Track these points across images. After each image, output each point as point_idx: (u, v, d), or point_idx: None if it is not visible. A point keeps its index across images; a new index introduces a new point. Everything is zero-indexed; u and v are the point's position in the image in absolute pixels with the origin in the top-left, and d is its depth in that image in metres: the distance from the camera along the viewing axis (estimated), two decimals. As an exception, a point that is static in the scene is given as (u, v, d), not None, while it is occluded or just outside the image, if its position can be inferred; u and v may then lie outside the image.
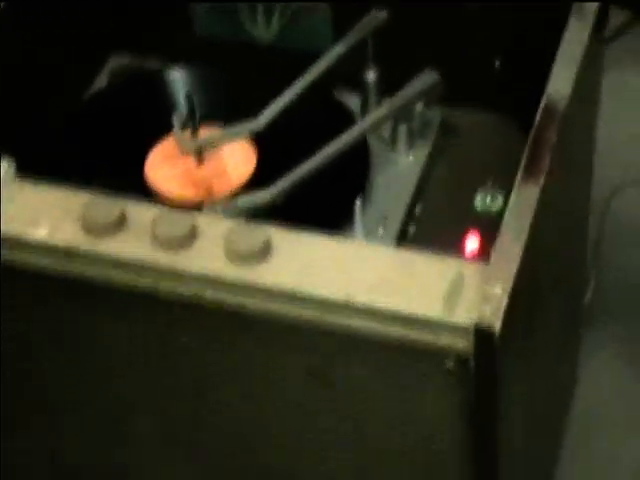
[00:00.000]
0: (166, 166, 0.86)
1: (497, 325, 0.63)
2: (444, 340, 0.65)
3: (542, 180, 0.70)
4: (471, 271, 0.66)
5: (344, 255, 0.68)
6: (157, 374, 0.75)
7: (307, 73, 0.87)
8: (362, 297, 0.66)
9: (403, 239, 0.83)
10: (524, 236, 0.67)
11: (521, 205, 0.70)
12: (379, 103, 0.89)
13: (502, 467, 0.70)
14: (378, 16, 0.87)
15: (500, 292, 0.64)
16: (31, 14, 0.88)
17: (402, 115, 0.87)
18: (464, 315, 0.64)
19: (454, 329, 0.65)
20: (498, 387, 0.65)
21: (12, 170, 0.79)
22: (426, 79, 0.86)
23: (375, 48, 0.87)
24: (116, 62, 0.97)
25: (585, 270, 1.11)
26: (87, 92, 0.94)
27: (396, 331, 0.66)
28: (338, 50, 0.86)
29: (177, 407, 0.76)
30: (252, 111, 0.85)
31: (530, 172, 0.71)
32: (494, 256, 0.67)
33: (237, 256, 0.68)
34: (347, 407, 0.71)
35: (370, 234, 0.82)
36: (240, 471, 0.79)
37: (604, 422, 1.11)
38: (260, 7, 0.92)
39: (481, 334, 0.63)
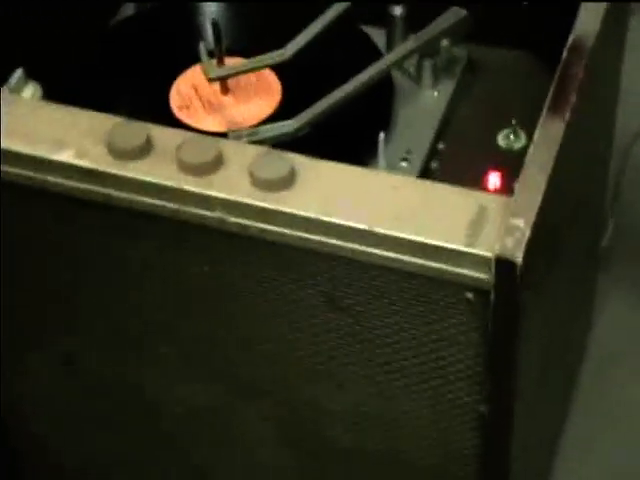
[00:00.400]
0: (191, 95, 0.86)
1: (519, 257, 0.63)
2: (465, 271, 0.66)
3: (568, 115, 0.70)
4: (494, 203, 0.67)
5: (367, 184, 0.69)
6: (177, 297, 0.75)
7: (334, 5, 0.87)
8: (384, 226, 0.66)
9: (426, 175, 0.84)
10: (548, 170, 0.67)
11: (546, 139, 0.70)
12: (405, 38, 0.89)
13: (518, 401, 0.71)
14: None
15: (523, 224, 0.64)
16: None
17: (428, 51, 0.87)
18: (486, 246, 0.65)
19: (475, 260, 0.65)
20: (518, 320, 0.66)
21: (38, 94, 0.80)
22: (453, 15, 0.86)
23: (402, -18, 0.87)
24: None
25: (604, 214, 1.11)
26: (113, 19, 0.94)
27: (417, 261, 0.66)
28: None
29: (195, 329, 0.77)
30: (278, 43, 0.86)
31: (556, 107, 0.71)
32: (518, 189, 0.67)
33: (262, 183, 0.68)
34: (366, 336, 0.71)
35: (393, 169, 0.83)
36: (256, 390, 0.80)
37: (618, 367, 1.11)
38: None
39: (503, 266, 0.64)
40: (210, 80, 0.83)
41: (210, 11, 0.92)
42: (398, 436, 0.77)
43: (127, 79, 0.89)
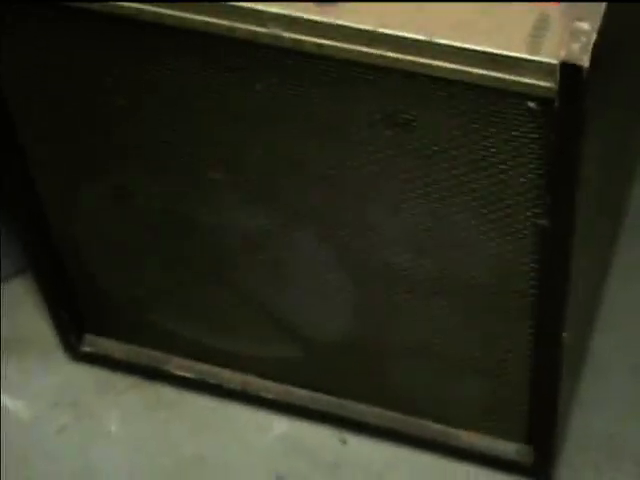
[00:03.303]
0: None
1: (585, 61, 0.62)
2: (528, 80, 0.64)
3: None
4: (557, 10, 0.65)
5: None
6: (228, 119, 0.74)
7: None
8: (444, 36, 0.65)
9: None
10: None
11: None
12: None
13: (578, 217, 0.70)
14: None
15: (589, 28, 0.63)
16: None
17: None
18: (550, 53, 0.63)
19: (539, 67, 0.63)
20: (582, 129, 0.64)
21: None
22: None
23: None
24: None
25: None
26: None
27: (478, 71, 0.65)
28: None
29: (248, 153, 0.76)
30: None
31: None
32: (580, -4, 0.65)
33: (318, -3, 0.67)
34: (424, 152, 0.70)
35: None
36: (313, 213, 0.79)
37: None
38: None
39: (568, 71, 0.62)
40: None
41: None
42: (457, 255, 0.77)
43: None
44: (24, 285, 1.01)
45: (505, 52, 0.64)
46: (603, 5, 0.64)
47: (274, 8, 0.67)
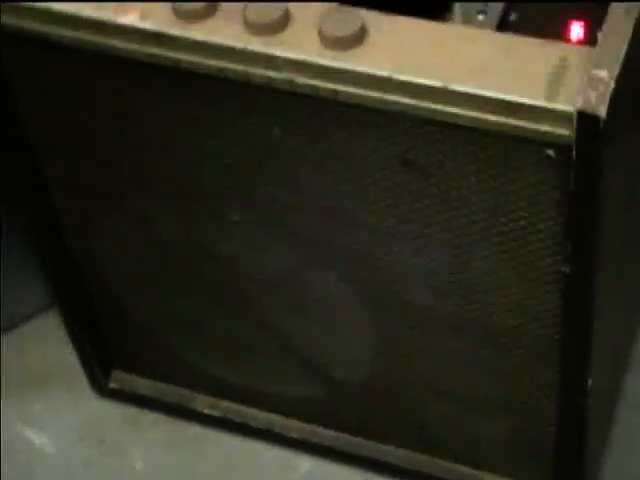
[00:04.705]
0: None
1: (603, 111, 0.60)
2: (545, 127, 0.63)
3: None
4: (576, 55, 0.63)
5: (442, 39, 0.66)
6: (247, 161, 0.74)
7: None
8: (460, 82, 0.64)
9: (504, 28, 0.80)
10: (635, 14, 0.63)
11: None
12: None
13: (599, 262, 0.69)
14: None
15: (607, 76, 0.61)
16: None
17: None
18: (567, 100, 0.62)
19: (556, 115, 0.62)
20: (600, 177, 0.63)
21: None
22: None
23: None
24: None
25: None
26: None
27: (495, 118, 0.64)
28: None
29: (267, 194, 0.75)
30: None
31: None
32: (602, 38, 0.63)
33: (331, 40, 0.66)
34: (443, 197, 0.69)
35: (469, 22, 0.79)
36: (334, 254, 0.79)
37: None
38: None
39: (585, 120, 0.61)
40: None
41: None
42: (477, 299, 0.76)
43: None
44: (52, 320, 1.01)
45: (522, 99, 0.63)
46: (623, 50, 0.62)
47: (287, 53, 0.66)
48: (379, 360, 0.84)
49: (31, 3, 0.70)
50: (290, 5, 0.68)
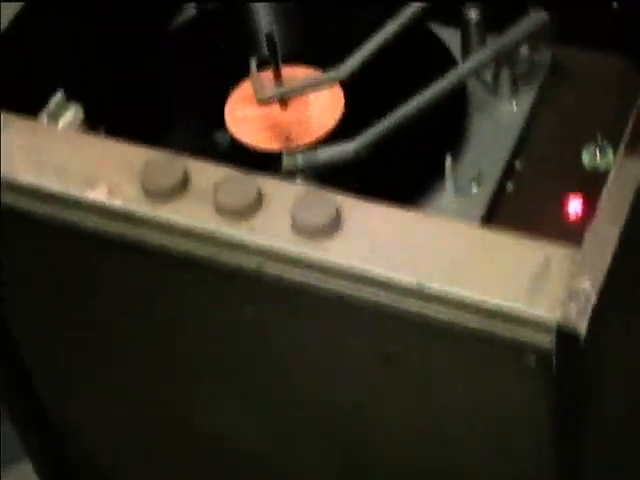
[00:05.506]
0: (247, 108, 0.80)
1: (582, 327, 0.56)
2: (525, 334, 0.59)
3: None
4: (559, 257, 0.59)
5: (420, 232, 0.62)
6: (219, 343, 0.70)
7: (406, 9, 0.79)
8: (436, 283, 0.60)
9: (499, 198, 0.76)
10: (622, 219, 0.59)
11: (624, 176, 0.62)
12: (481, 43, 0.81)
13: (587, 471, 0.64)
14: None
15: (589, 287, 0.57)
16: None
17: (506, 58, 0.79)
18: (547, 309, 0.57)
19: (536, 324, 0.58)
20: (582, 391, 0.59)
21: (80, 117, 0.75)
22: (534, 19, 0.78)
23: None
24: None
25: None
26: (171, 24, 0.88)
27: (472, 321, 0.60)
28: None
29: (242, 376, 0.72)
30: (342, 49, 0.79)
31: None
32: (587, 241, 0.59)
33: (304, 229, 0.62)
34: (418, 395, 0.65)
35: (462, 192, 0.76)
36: (309, 433, 0.75)
37: None
38: None
39: (564, 335, 0.57)
40: (259, 101, 0.77)
41: (270, 16, 0.86)
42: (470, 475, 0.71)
43: (182, 88, 0.84)
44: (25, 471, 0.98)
45: (500, 303, 0.59)
46: (608, 257, 0.58)
47: (258, 240, 0.63)
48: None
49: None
50: (264, 184, 0.65)
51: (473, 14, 0.80)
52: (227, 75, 0.82)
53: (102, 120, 0.78)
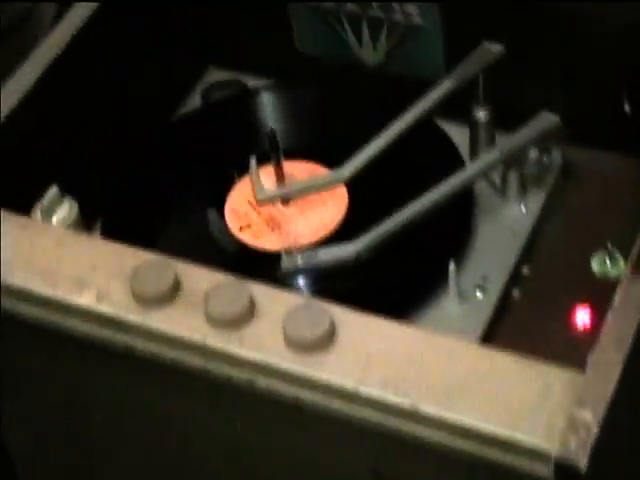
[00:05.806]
0: (247, 205, 0.78)
1: (582, 461, 0.53)
2: (522, 463, 0.56)
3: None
4: (560, 383, 0.56)
5: (417, 350, 0.59)
6: (208, 454, 0.68)
7: (416, 105, 0.77)
8: (431, 403, 0.57)
9: (505, 305, 0.74)
10: (626, 345, 0.57)
11: (629, 299, 0.59)
12: (490, 143, 0.79)
13: None
14: (491, 49, 0.76)
15: (590, 419, 0.54)
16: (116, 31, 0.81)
17: (514, 160, 0.77)
18: (547, 438, 0.55)
19: (535, 452, 0.55)
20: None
21: (75, 213, 0.73)
22: (543, 121, 0.76)
23: (487, 83, 0.77)
24: (212, 77, 0.89)
25: None
26: (178, 110, 0.87)
27: (468, 446, 0.57)
28: (444, 87, 0.77)
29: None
30: (350, 140, 0.77)
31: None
32: (589, 368, 0.57)
33: (296, 342, 0.60)
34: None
35: (467, 299, 0.73)
36: None
37: None
38: (365, 27, 0.83)
39: (564, 468, 0.54)
40: (258, 202, 0.75)
41: (278, 106, 0.84)
42: None
43: (185, 179, 0.82)
44: None
45: (497, 430, 0.56)
46: (612, 386, 0.56)
47: (249, 353, 0.61)
48: None
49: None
50: (257, 292, 0.62)
51: (482, 114, 0.78)
52: (227, 170, 0.80)
53: (98, 214, 0.76)
